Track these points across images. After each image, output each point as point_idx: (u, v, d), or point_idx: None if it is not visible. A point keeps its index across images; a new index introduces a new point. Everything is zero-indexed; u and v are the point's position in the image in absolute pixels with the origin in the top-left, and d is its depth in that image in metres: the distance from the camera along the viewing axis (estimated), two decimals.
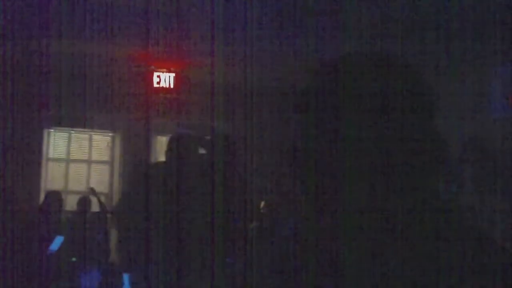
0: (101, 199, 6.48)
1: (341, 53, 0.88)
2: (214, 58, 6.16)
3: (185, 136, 3.08)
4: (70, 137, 7.74)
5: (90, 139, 7.83)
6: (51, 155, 7.61)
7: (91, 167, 7.80)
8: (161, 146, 7.73)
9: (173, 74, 6.93)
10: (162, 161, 3.24)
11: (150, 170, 3.19)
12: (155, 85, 6.92)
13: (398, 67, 0.85)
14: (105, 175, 7.77)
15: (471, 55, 5.17)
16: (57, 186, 7.30)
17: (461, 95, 5.37)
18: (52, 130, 7.60)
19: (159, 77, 6.91)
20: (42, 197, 6.83)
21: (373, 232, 0.81)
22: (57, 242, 5.48)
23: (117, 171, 7.72)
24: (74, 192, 7.32)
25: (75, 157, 7.75)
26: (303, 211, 0.90)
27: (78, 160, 7.76)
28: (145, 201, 2.73)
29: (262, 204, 5.20)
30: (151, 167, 3.51)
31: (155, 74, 6.90)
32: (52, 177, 7.53)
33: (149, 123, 7.22)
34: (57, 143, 7.70)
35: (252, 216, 3.53)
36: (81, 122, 7.40)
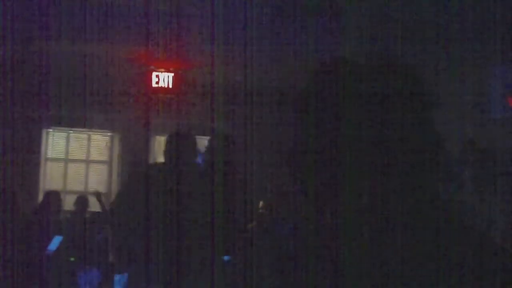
0: (104, 203, 6.46)
1: (341, 53, 0.88)
2: (213, 58, 6.16)
3: (183, 134, 3.08)
4: (69, 137, 7.74)
5: (89, 139, 7.83)
6: (50, 155, 7.61)
7: (90, 167, 7.80)
8: (159, 146, 7.73)
9: (172, 74, 6.92)
10: (160, 162, 3.24)
11: (148, 170, 3.19)
12: (154, 85, 6.91)
13: (397, 68, 0.85)
14: (104, 175, 7.77)
15: (471, 55, 5.17)
16: (56, 186, 7.29)
17: (461, 95, 5.37)
18: (51, 130, 7.60)
19: (157, 77, 6.90)
20: (41, 197, 6.82)
21: (373, 232, 0.81)
22: (56, 242, 5.47)
23: (115, 171, 7.72)
24: (73, 192, 7.31)
25: (74, 157, 7.75)
26: (303, 211, 0.89)
27: (77, 160, 7.76)
28: (143, 201, 2.72)
29: (261, 204, 5.19)
30: (150, 167, 3.51)
31: (154, 74, 6.89)
32: (51, 177, 7.53)
33: (148, 123, 7.22)
34: (56, 143, 7.70)
35: (251, 216, 3.53)
36: (80, 122, 7.40)
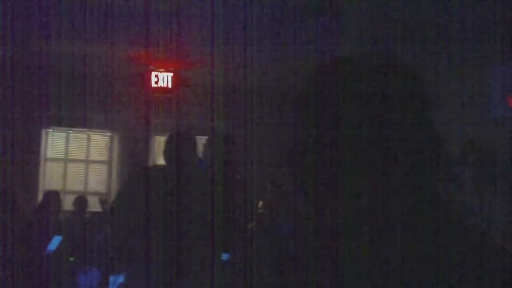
0: (105, 205, 6.46)
1: (341, 53, 0.88)
2: (213, 58, 6.16)
3: (183, 134, 3.08)
4: (68, 137, 7.74)
5: (88, 139, 7.83)
6: (49, 155, 7.61)
7: (90, 167, 7.80)
8: (159, 146, 7.74)
9: (171, 74, 6.92)
10: (161, 164, 3.23)
11: (149, 171, 3.19)
12: (153, 85, 6.91)
13: (397, 68, 0.85)
14: (104, 175, 7.77)
15: (471, 55, 5.17)
16: (56, 186, 7.29)
17: (461, 95, 5.37)
18: (50, 130, 7.60)
19: (157, 76, 6.90)
20: (40, 197, 6.82)
21: (373, 232, 0.80)
22: (55, 242, 5.47)
23: (115, 170, 7.72)
24: (72, 192, 7.31)
25: (73, 157, 7.75)
26: (303, 211, 0.89)
27: (76, 160, 7.76)
28: (142, 201, 2.72)
29: (261, 204, 5.20)
30: (150, 169, 3.51)
31: (153, 74, 6.89)
32: (50, 177, 7.53)
33: (147, 123, 7.22)
34: (56, 143, 7.70)
35: (251, 216, 3.53)
36: (80, 122, 7.40)
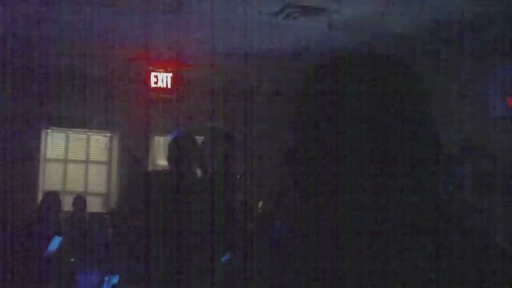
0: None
1: (340, 53, 0.87)
2: (213, 58, 6.16)
3: (184, 137, 3.08)
4: (68, 137, 7.74)
5: (88, 139, 7.83)
6: (49, 155, 7.61)
7: (89, 167, 7.80)
8: (158, 146, 7.74)
9: (170, 74, 6.92)
10: (163, 168, 3.23)
11: (152, 174, 3.19)
12: (153, 85, 6.91)
13: (397, 67, 0.85)
14: (103, 175, 7.77)
15: (471, 55, 5.18)
16: (55, 186, 7.29)
17: (461, 95, 5.37)
18: (50, 130, 7.60)
19: (156, 77, 6.90)
20: (40, 197, 6.82)
21: (373, 232, 0.80)
22: (55, 242, 5.47)
23: (115, 171, 7.72)
24: (72, 192, 7.31)
25: (73, 157, 7.75)
26: (303, 211, 0.89)
27: (76, 160, 7.76)
28: (143, 202, 2.72)
29: (261, 204, 5.20)
30: (152, 173, 3.51)
31: (152, 74, 6.89)
32: (50, 178, 7.53)
33: (147, 123, 7.22)
34: (55, 143, 7.70)
35: (251, 216, 3.53)
36: (79, 122, 7.41)
